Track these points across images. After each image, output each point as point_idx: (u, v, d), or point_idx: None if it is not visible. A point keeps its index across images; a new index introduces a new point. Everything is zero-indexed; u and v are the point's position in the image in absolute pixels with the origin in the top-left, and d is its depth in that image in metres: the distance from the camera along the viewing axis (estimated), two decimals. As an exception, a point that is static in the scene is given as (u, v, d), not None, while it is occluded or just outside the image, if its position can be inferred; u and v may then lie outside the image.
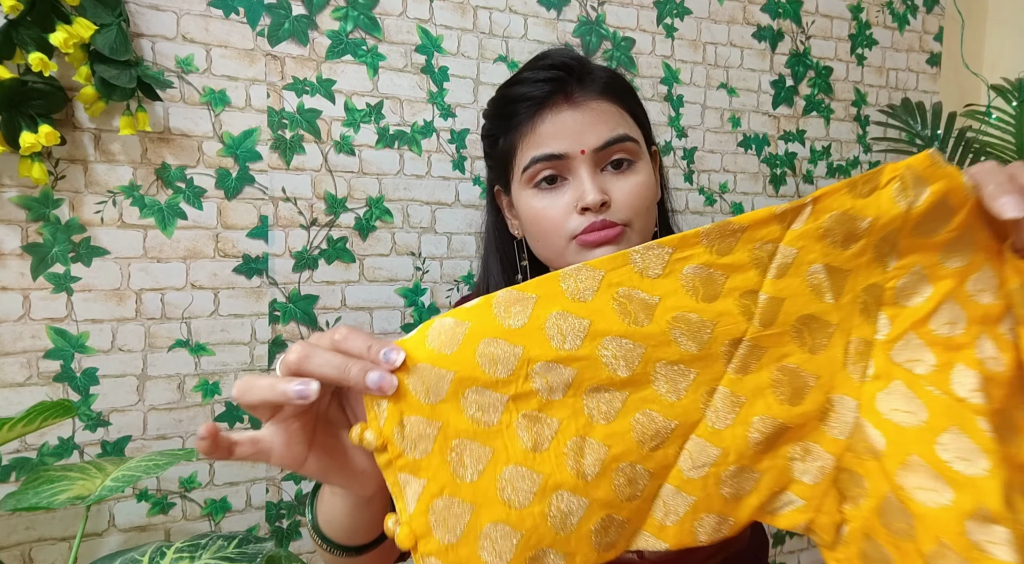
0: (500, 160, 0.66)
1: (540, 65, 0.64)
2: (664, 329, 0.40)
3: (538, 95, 0.62)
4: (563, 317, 0.39)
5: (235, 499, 1.03)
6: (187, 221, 0.98)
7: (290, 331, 1.04)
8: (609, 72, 0.66)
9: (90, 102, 0.89)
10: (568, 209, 0.61)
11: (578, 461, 0.39)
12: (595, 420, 0.39)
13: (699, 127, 1.31)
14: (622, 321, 0.39)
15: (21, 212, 0.90)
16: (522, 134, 0.63)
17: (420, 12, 1.10)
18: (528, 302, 0.39)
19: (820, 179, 1.43)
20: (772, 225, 0.40)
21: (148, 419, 0.97)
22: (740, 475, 0.41)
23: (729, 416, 0.40)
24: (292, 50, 1.03)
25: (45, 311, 0.91)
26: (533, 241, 0.66)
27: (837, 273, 0.40)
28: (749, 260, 0.40)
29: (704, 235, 0.40)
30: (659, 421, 0.40)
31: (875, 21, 1.46)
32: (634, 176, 0.62)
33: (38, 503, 0.73)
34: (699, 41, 1.30)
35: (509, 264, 0.72)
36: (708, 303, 0.40)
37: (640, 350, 0.39)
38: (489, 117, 0.69)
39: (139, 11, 0.94)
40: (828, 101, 1.43)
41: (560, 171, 0.61)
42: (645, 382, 0.40)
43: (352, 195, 1.07)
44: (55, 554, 0.93)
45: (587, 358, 0.39)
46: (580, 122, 0.61)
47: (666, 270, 0.40)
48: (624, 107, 0.64)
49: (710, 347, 0.40)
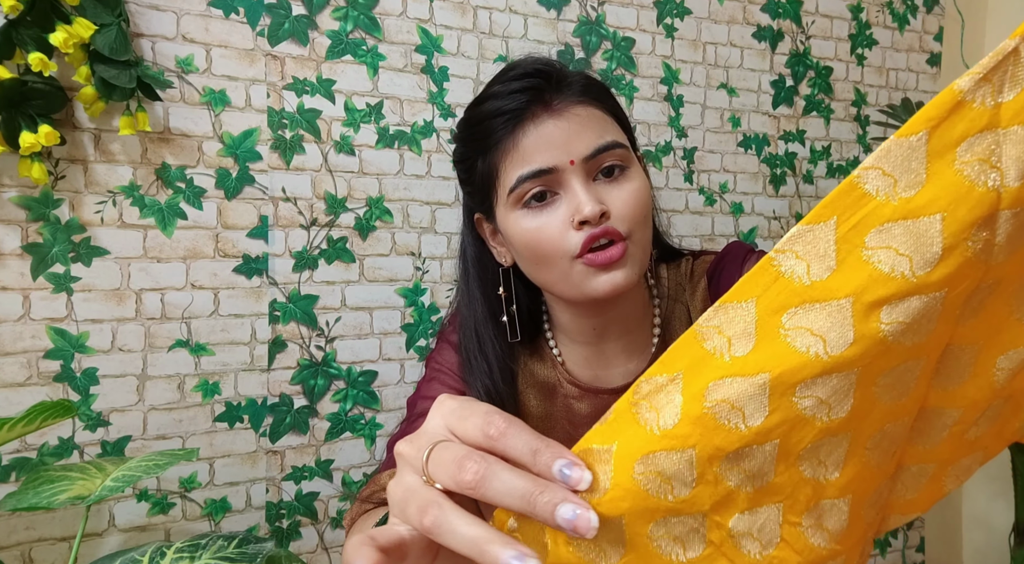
0: (480, 185, 0.61)
1: (511, 76, 0.59)
2: (875, 332, 0.27)
3: (515, 107, 0.57)
4: (727, 385, 0.28)
5: (235, 499, 1.03)
6: (187, 221, 0.98)
7: (290, 331, 1.05)
8: (585, 75, 0.61)
9: (90, 102, 0.89)
10: (564, 225, 0.56)
11: (822, 530, 0.31)
12: (824, 478, 0.31)
13: (699, 127, 1.31)
14: (808, 355, 0.27)
15: (21, 212, 0.90)
16: (503, 152, 0.58)
17: (420, 12, 1.10)
18: (674, 387, 0.29)
19: (820, 179, 1.43)
20: (969, 108, 0.26)
21: (148, 419, 0.97)
22: (991, 412, 0.34)
23: (966, 370, 0.32)
24: (292, 50, 1.03)
25: (45, 311, 0.91)
26: (529, 266, 0.61)
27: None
28: (960, 177, 0.26)
29: (863, 177, 0.27)
30: (891, 432, 0.32)
31: (875, 21, 1.46)
32: (628, 182, 0.58)
33: (38, 503, 0.73)
34: (699, 41, 1.30)
35: (496, 297, 0.67)
36: (928, 268, 0.27)
37: (851, 377, 0.28)
38: (462, 140, 0.64)
39: (139, 11, 0.94)
40: (828, 101, 1.43)
41: (550, 186, 0.57)
42: (868, 408, 0.30)
43: (352, 195, 1.07)
44: (55, 554, 0.93)
45: (784, 422, 0.28)
46: (565, 131, 0.56)
47: (839, 253, 0.27)
48: (606, 110, 0.60)
49: (941, 322, 0.28)
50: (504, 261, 0.66)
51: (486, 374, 0.65)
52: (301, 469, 1.06)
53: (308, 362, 1.06)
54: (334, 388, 1.08)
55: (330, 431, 1.08)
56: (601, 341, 0.68)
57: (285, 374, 1.05)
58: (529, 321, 0.69)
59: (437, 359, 0.70)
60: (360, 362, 1.09)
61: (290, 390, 1.05)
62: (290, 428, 1.05)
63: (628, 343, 0.69)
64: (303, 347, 1.05)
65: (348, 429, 1.09)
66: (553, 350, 0.70)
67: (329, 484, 1.08)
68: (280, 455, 1.05)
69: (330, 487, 1.09)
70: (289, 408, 1.05)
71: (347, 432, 1.09)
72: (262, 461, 1.04)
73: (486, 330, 0.66)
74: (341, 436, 1.09)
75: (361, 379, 1.09)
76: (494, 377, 0.65)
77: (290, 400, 1.05)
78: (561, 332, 0.70)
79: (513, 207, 0.59)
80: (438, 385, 0.67)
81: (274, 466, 1.05)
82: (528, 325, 0.69)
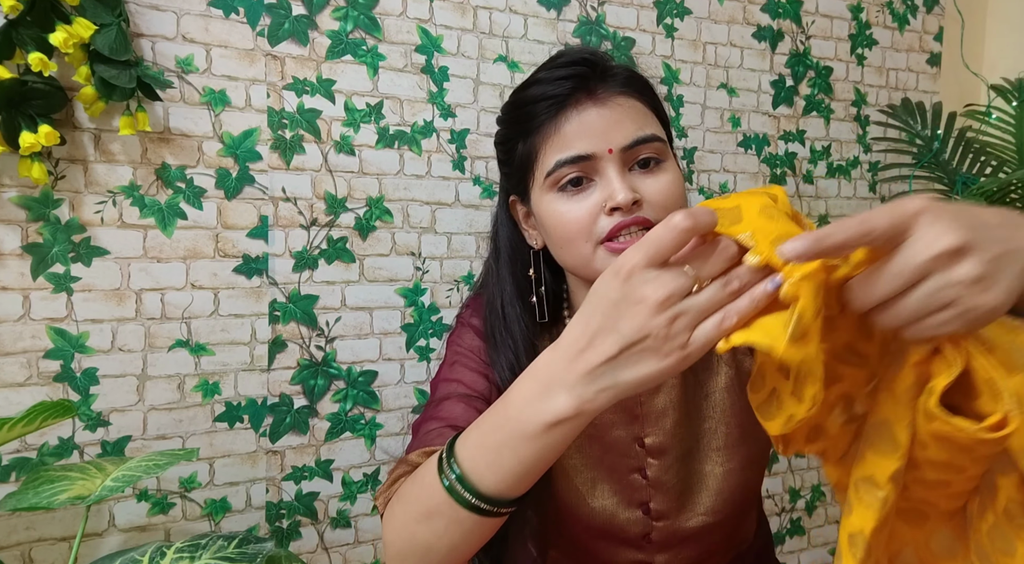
0: (519, 166, 0.63)
1: (558, 63, 0.61)
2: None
3: (560, 93, 0.59)
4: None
5: (235, 499, 1.03)
6: (187, 221, 0.98)
7: (290, 331, 1.04)
8: (629, 68, 0.64)
9: (90, 102, 0.89)
10: (596, 211, 0.58)
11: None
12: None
13: (699, 127, 1.31)
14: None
15: (21, 212, 0.90)
16: (545, 136, 0.60)
17: (420, 12, 1.10)
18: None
19: (820, 179, 1.43)
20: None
21: (148, 419, 0.97)
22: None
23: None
24: (292, 50, 1.03)
25: (45, 311, 0.91)
26: (557, 248, 0.63)
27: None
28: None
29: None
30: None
31: (875, 21, 1.46)
32: (664, 175, 0.60)
33: (38, 503, 0.73)
34: (699, 41, 1.30)
35: (525, 279, 0.69)
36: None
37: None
38: (505, 122, 0.66)
39: (139, 11, 0.94)
40: (828, 101, 1.43)
41: (587, 172, 0.59)
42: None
43: (352, 195, 1.07)
44: (55, 554, 0.93)
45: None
46: (606, 119, 0.58)
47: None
48: (647, 104, 0.62)
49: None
50: (535, 243, 0.68)
51: (511, 349, 0.67)
52: (301, 469, 1.06)
53: (308, 362, 1.06)
54: (334, 388, 1.08)
55: (330, 431, 1.08)
56: None
57: (285, 374, 1.05)
58: (553, 304, 0.70)
59: (459, 342, 0.71)
60: (360, 362, 1.09)
61: (290, 390, 1.05)
62: (290, 428, 1.05)
63: None
64: (303, 347, 1.05)
65: (348, 429, 1.09)
66: None
67: (329, 484, 1.08)
68: (280, 455, 1.05)
69: (330, 487, 1.09)
70: (289, 408, 1.05)
71: (347, 432, 1.09)
72: (262, 461, 1.04)
73: (512, 309, 0.68)
74: (341, 436, 1.09)
75: (361, 379, 1.09)
76: (518, 352, 0.66)
77: (290, 400, 1.05)
78: None
79: (549, 190, 0.60)
80: (460, 368, 0.68)
81: (274, 466, 1.05)
82: (552, 308, 0.70)
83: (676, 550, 0.67)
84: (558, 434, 0.44)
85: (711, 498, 0.66)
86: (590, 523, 0.67)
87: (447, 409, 0.63)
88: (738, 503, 0.68)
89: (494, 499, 0.47)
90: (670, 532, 0.66)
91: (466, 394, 0.65)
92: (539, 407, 0.43)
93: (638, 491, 0.66)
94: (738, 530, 0.72)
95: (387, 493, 0.56)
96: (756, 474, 0.70)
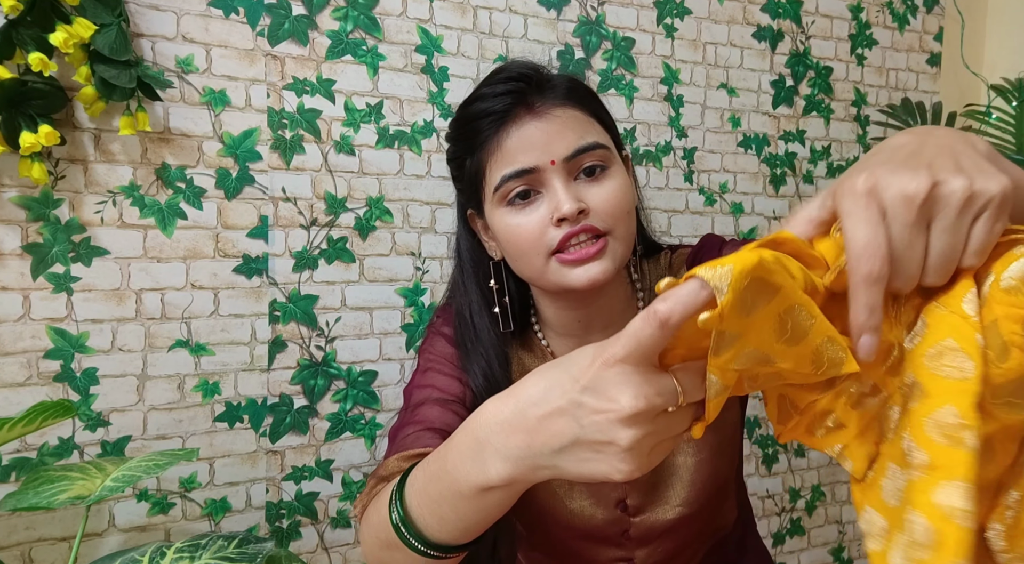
0: (469, 182, 0.64)
1: (497, 79, 0.62)
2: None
3: (499, 109, 0.60)
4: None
5: (235, 499, 1.03)
6: (187, 221, 0.98)
7: (290, 331, 1.05)
8: (569, 78, 0.64)
9: (90, 102, 0.89)
10: (544, 223, 0.59)
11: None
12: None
13: (699, 127, 1.31)
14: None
15: (21, 212, 0.90)
16: (489, 152, 0.60)
17: (420, 12, 1.10)
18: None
19: (820, 179, 1.43)
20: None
21: (148, 419, 0.97)
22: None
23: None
24: (292, 50, 1.03)
25: (45, 311, 0.91)
26: (513, 261, 0.64)
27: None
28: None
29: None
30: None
31: (875, 21, 1.46)
32: (609, 181, 0.60)
33: (38, 503, 0.73)
34: (699, 41, 1.30)
35: (489, 290, 0.69)
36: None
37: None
38: (452, 139, 0.67)
39: (139, 11, 0.94)
40: (828, 101, 1.43)
41: (532, 185, 0.59)
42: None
43: (352, 195, 1.07)
44: (55, 554, 0.93)
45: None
46: (546, 132, 0.59)
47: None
48: (589, 112, 0.62)
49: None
50: (495, 255, 0.69)
51: (483, 357, 0.68)
52: (301, 469, 1.06)
53: (308, 362, 1.06)
54: (334, 388, 1.08)
55: (330, 431, 1.08)
56: (586, 334, 0.70)
57: (285, 374, 1.05)
58: (521, 313, 0.71)
59: (430, 350, 0.71)
60: (360, 362, 1.09)
61: (290, 390, 1.05)
62: (290, 428, 1.05)
63: (612, 335, 0.71)
64: (303, 347, 1.05)
65: (348, 429, 1.09)
66: (542, 341, 0.73)
67: (329, 484, 1.08)
68: (280, 455, 1.05)
69: (330, 487, 1.09)
70: (289, 408, 1.05)
71: (347, 432, 1.09)
72: (262, 461, 1.04)
73: (481, 320, 0.70)
74: (341, 436, 1.09)
75: (361, 379, 1.09)
76: (491, 360, 0.68)
77: (290, 400, 1.05)
78: (548, 326, 0.72)
79: (499, 204, 0.62)
80: (433, 374, 0.69)
81: (274, 466, 1.05)
82: (519, 317, 0.70)
83: (655, 544, 0.68)
84: (492, 498, 0.42)
85: (685, 489, 0.67)
86: (569, 524, 0.67)
87: (423, 413, 0.64)
88: (712, 492, 0.69)
89: (441, 545, 0.46)
90: (647, 527, 0.67)
91: (441, 398, 0.65)
92: (473, 468, 0.41)
93: (613, 489, 0.67)
94: (715, 519, 0.73)
95: (364, 501, 0.57)
96: (727, 462, 0.71)
